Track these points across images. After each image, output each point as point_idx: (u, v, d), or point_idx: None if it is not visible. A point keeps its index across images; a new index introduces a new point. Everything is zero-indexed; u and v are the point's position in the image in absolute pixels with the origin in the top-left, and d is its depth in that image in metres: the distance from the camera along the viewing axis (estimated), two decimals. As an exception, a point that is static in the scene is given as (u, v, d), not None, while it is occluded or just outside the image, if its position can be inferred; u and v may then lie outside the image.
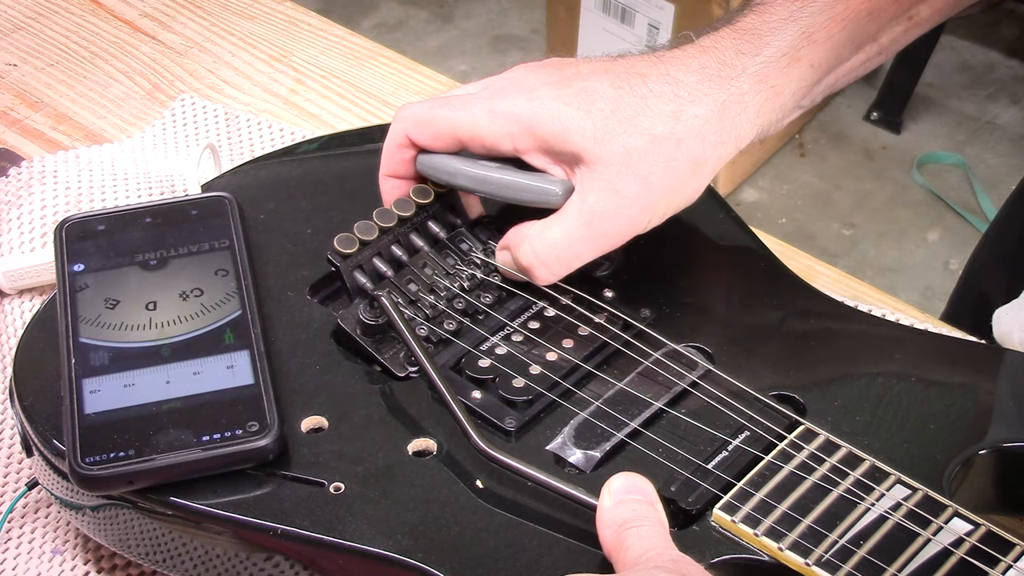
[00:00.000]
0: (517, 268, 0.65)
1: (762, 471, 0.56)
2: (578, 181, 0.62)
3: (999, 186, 2.17)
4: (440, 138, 0.64)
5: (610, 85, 0.62)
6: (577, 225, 0.62)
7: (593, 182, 0.61)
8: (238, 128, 0.91)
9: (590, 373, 0.62)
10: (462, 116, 0.63)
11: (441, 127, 0.64)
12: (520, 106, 0.62)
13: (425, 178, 0.68)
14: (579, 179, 0.62)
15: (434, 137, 0.65)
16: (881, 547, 0.52)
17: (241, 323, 0.62)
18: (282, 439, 0.58)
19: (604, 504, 0.53)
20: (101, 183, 0.85)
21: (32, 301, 0.78)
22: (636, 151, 0.61)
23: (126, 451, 0.56)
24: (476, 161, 0.65)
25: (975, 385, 0.63)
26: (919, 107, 2.36)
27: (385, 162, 0.67)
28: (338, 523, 0.56)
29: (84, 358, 0.61)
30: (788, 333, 0.66)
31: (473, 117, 0.63)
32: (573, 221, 0.62)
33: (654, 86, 0.62)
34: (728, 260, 0.71)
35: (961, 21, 2.46)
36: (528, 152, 0.63)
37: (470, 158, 0.65)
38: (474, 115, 0.63)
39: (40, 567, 0.66)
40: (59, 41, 1.00)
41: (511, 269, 0.65)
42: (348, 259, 0.66)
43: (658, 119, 0.61)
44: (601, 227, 0.62)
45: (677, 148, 0.61)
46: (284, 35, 1.01)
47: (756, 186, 2.25)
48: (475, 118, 0.63)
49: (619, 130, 0.61)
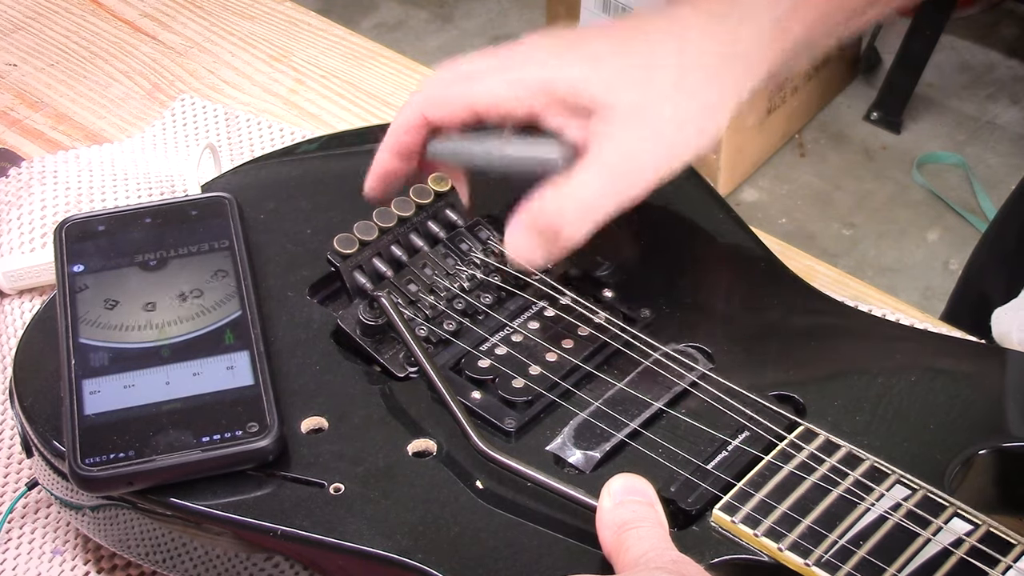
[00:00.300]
0: (539, 232, 0.63)
1: (762, 471, 0.56)
2: (592, 135, 0.62)
3: (999, 186, 2.17)
4: (457, 113, 0.64)
5: (617, 41, 0.63)
6: (596, 177, 0.62)
7: (608, 134, 0.61)
8: (238, 128, 0.91)
9: (590, 373, 0.62)
10: (479, 89, 0.64)
11: (459, 103, 0.64)
12: (533, 72, 0.63)
13: (417, 172, 0.67)
14: (593, 132, 0.62)
15: (451, 113, 0.64)
16: (881, 547, 0.52)
17: (241, 323, 0.62)
18: (282, 440, 0.58)
19: (604, 505, 0.53)
20: (101, 183, 0.85)
21: (32, 301, 0.78)
22: (647, 101, 0.61)
23: (126, 452, 0.56)
24: (480, 139, 0.65)
25: (975, 385, 0.63)
26: (919, 107, 2.36)
27: (390, 141, 0.66)
28: (338, 524, 0.56)
29: (84, 359, 0.61)
30: (788, 333, 0.66)
31: (490, 88, 0.63)
32: (591, 173, 0.62)
33: (659, 36, 0.63)
34: (728, 260, 0.71)
35: (961, 21, 2.46)
36: (544, 112, 0.63)
37: (474, 138, 0.65)
38: (491, 87, 0.63)
39: (40, 567, 0.66)
40: (59, 41, 1.00)
41: (523, 252, 0.64)
42: (348, 259, 0.66)
43: (666, 69, 0.62)
44: (620, 177, 0.62)
45: (687, 96, 0.62)
46: (284, 35, 1.01)
47: (756, 186, 2.24)
48: (492, 89, 0.63)
49: (629, 81, 0.61)
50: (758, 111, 2.15)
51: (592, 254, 0.69)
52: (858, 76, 2.42)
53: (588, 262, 0.68)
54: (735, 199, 2.19)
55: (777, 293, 0.68)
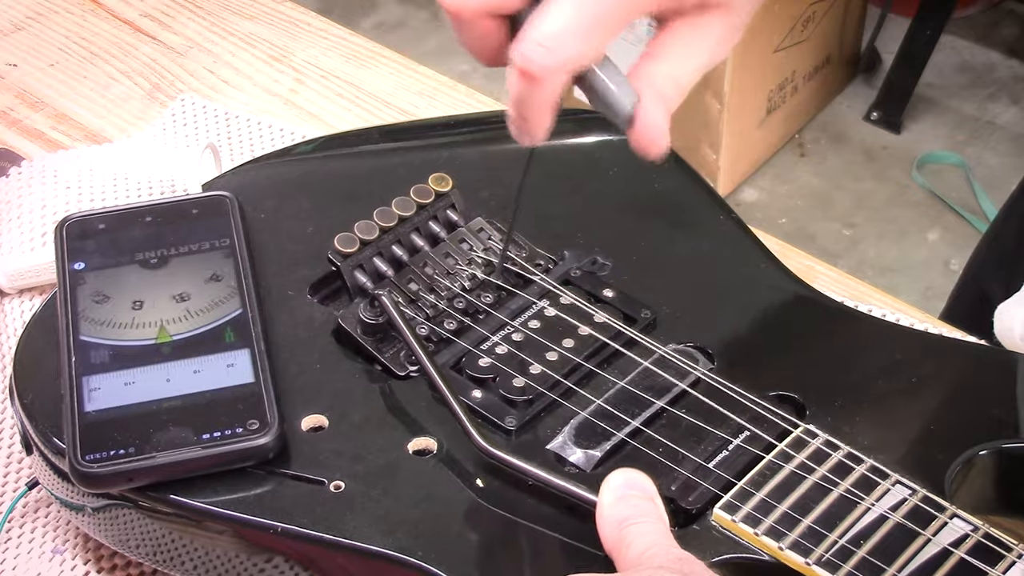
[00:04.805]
0: (539, 54, 0.52)
1: (762, 471, 0.56)
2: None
3: (999, 186, 2.17)
4: None
5: None
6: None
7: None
8: (238, 128, 0.91)
9: (591, 372, 0.62)
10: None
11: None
12: None
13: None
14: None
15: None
16: (881, 547, 0.52)
17: (241, 322, 0.62)
18: (282, 437, 0.58)
19: (604, 500, 0.53)
20: (101, 183, 0.85)
21: (32, 301, 0.78)
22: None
23: (126, 449, 0.57)
24: None
25: (975, 385, 0.63)
26: (919, 107, 2.36)
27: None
28: (338, 521, 0.56)
29: (84, 356, 0.61)
30: (788, 333, 0.66)
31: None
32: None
33: None
34: (728, 260, 0.71)
35: (961, 21, 2.46)
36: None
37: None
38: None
39: (40, 567, 0.66)
40: (59, 41, 1.00)
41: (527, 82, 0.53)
42: (349, 258, 0.66)
43: None
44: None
45: None
46: (284, 35, 1.01)
47: (756, 186, 2.24)
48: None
49: None
50: (758, 111, 2.15)
51: (592, 254, 0.69)
52: (858, 76, 2.42)
53: (589, 262, 0.68)
54: (735, 199, 2.19)
55: (777, 293, 0.68)
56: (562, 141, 0.78)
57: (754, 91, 2.11)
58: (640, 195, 0.73)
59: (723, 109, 2.03)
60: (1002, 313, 0.80)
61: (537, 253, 0.68)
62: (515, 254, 0.68)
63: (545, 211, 0.72)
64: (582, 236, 0.70)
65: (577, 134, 0.78)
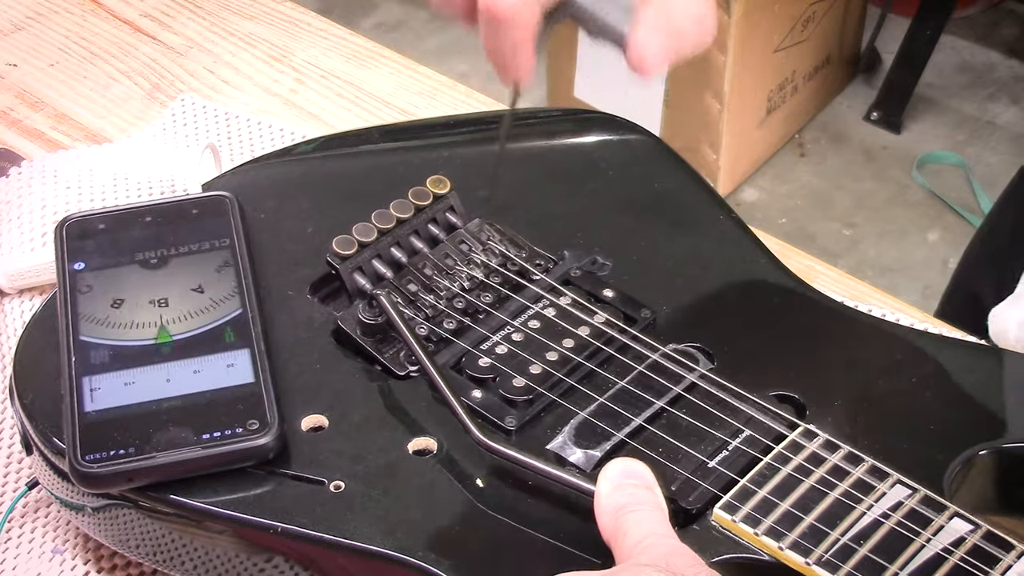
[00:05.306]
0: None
1: (762, 471, 0.56)
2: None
3: (999, 186, 2.15)
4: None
5: None
6: None
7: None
8: (238, 128, 0.91)
9: (591, 372, 0.62)
10: None
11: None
12: None
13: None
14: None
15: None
16: (881, 547, 0.52)
17: (241, 322, 0.62)
18: (282, 437, 0.58)
19: (601, 489, 0.52)
20: (101, 183, 0.85)
21: (32, 301, 0.78)
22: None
23: (126, 449, 0.57)
24: None
25: (975, 385, 0.63)
26: (919, 107, 2.36)
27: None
28: (338, 521, 0.56)
29: (84, 356, 0.61)
30: (788, 333, 0.66)
31: None
32: None
33: None
34: (728, 260, 0.71)
35: (961, 21, 2.46)
36: None
37: None
38: None
39: (40, 567, 0.66)
40: (59, 41, 1.00)
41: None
42: (347, 261, 0.66)
43: None
44: None
45: None
46: (284, 35, 1.01)
47: (756, 186, 2.24)
48: None
49: None
50: (758, 111, 2.15)
51: (592, 254, 0.69)
52: (858, 76, 2.42)
53: (589, 262, 0.68)
54: (735, 199, 2.19)
55: (777, 293, 0.68)
56: (562, 141, 0.78)
57: (754, 91, 2.11)
58: (640, 195, 0.73)
59: (723, 109, 2.03)
60: (995, 316, 0.80)
61: (537, 253, 0.68)
62: (515, 254, 0.68)
63: (545, 211, 0.72)
64: (582, 236, 0.70)
65: (577, 134, 0.78)
